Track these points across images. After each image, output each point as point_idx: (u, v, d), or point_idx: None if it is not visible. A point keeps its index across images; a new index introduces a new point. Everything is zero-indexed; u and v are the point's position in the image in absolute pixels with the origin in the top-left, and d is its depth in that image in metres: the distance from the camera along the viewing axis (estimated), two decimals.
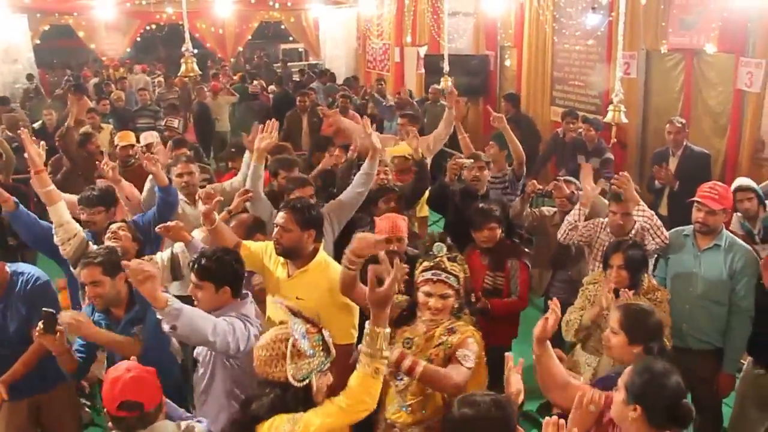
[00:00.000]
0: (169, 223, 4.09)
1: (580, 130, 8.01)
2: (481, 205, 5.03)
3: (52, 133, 8.71)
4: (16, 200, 4.39)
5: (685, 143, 6.70)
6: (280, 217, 3.78)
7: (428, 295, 3.29)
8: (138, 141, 7.10)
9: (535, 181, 5.77)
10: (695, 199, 4.39)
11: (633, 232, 4.58)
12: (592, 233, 4.83)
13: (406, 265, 4.15)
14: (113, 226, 4.33)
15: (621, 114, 4.89)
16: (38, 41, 18.42)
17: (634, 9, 7.97)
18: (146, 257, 4.26)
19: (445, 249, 3.34)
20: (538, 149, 8.91)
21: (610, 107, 4.94)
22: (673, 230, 4.65)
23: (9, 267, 3.95)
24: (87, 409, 5.50)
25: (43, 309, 3.45)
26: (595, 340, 4.08)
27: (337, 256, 4.05)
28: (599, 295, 4.11)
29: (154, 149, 6.60)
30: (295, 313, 2.74)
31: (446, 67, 7.22)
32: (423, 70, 13.61)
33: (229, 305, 3.37)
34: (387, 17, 15.87)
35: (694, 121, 7.74)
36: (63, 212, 4.23)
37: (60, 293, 4.52)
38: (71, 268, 4.42)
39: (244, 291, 3.54)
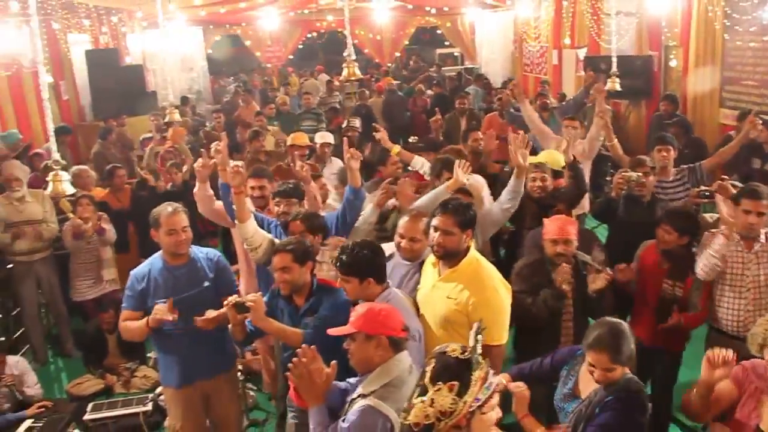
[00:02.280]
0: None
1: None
2: (671, 206, 4.90)
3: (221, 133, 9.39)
4: None
5: None
6: (440, 220, 3.76)
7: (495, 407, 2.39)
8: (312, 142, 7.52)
9: (704, 187, 5.50)
10: None
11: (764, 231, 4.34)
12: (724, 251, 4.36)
13: (567, 265, 4.11)
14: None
15: None
16: (210, 51, 19.66)
17: None
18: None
19: (480, 338, 2.45)
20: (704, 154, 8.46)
21: None
22: None
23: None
24: (252, 393, 5.84)
25: (240, 300, 3.78)
26: None
27: None
28: None
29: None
30: None
31: (614, 67, 6.98)
32: (582, 73, 13.29)
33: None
34: (544, 19, 15.64)
35: None
36: (251, 227, 4.47)
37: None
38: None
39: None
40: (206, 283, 4.19)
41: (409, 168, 6.33)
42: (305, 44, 23.56)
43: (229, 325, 3.99)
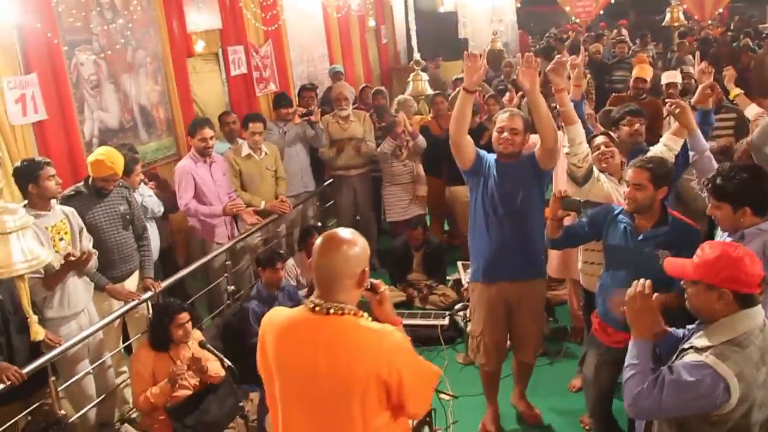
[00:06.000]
0: None
1: None
2: None
3: None
4: None
5: None
6: None
7: None
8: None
9: None
10: None
11: None
12: None
13: None
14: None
15: None
16: (519, 5, 19.63)
17: None
18: None
19: None
20: None
21: None
22: None
23: None
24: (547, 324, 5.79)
25: (568, 197, 3.81)
26: None
27: None
28: None
29: None
30: None
31: None
32: None
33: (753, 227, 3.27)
34: None
35: None
36: (580, 130, 4.36)
37: None
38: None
39: None
40: (526, 180, 4.30)
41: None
42: (617, 2, 22.52)
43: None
